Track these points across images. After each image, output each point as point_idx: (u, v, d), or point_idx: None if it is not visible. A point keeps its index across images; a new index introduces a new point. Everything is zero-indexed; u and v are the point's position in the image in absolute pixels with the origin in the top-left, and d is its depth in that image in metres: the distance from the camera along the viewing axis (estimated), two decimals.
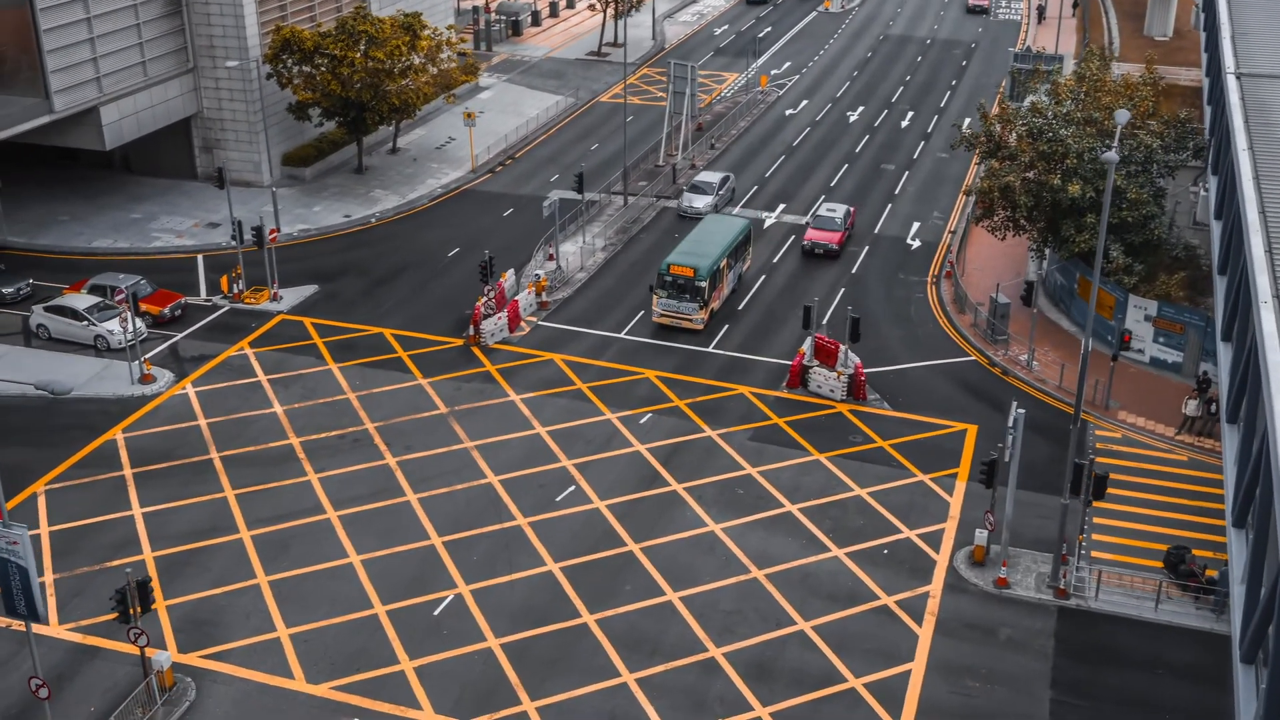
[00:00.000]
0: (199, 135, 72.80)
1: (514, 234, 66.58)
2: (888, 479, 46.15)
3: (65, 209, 69.44)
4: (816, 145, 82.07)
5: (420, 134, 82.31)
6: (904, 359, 54.82)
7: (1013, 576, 40.77)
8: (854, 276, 63.04)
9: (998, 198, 55.82)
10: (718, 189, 69.90)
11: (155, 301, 56.88)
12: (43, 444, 47.57)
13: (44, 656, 37.12)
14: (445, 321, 57.29)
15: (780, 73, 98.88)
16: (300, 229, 67.46)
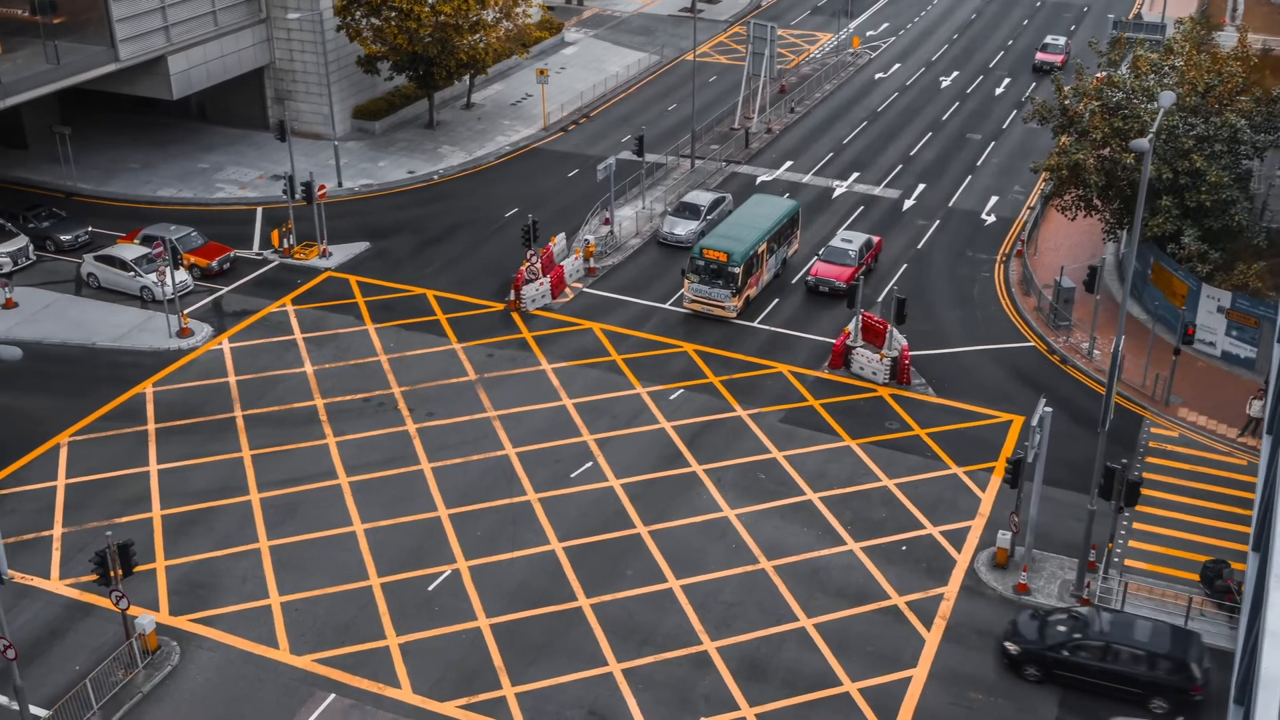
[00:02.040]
0: (271, 86, 72.74)
1: (574, 196, 65.29)
2: (919, 470, 44.10)
3: (137, 156, 70.02)
4: (902, 111, 79.12)
5: (497, 89, 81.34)
6: (958, 342, 52.41)
7: (1035, 582, 38.59)
8: (918, 252, 60.53)
9: (1067, 175, 52.86)
10: (706, 213, 60.26)
11: (204, 254, 56.92)
12: (74, 394, 47.88)
13: (40, 611, 37.47)
14: (490, 285, 56.37)
15: (876, 34, 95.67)
16: (362, 184, 67.04)
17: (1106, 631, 34.54)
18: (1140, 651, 33.87)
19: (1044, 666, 34.61)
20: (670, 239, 59.67)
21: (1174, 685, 33.50)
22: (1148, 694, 33.80)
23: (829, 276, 55.18)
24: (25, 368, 49.33)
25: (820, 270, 55.64)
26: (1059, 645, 34.51)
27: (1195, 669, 33.42)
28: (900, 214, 64.61)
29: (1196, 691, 33.36)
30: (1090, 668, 34.24)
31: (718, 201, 61.42)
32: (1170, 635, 34.33)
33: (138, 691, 34.57)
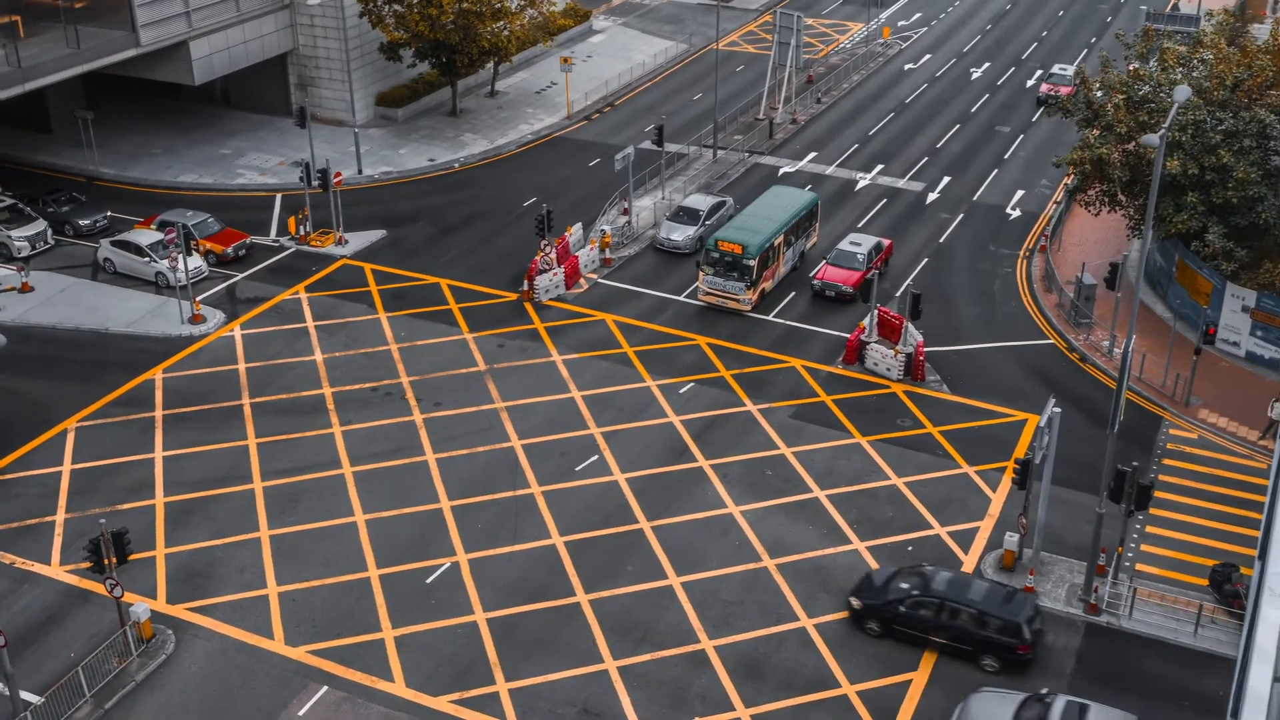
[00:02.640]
0: (294, 72, 72.65)
1: (594, 185, 64.80)
2: (929, 469, 43.38)
3: (160, 142, 70.10)
4: (931, 103, 78.10)
5: (522, 77, 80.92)
6: (976, 338, 51.59)
7: (1042, 586, 37.84)
8: (940, 246, 59.66)
9: (1090, 170, 51.86)
10: (705, 218, 58.22)
11: (220, 240, 56.87)
12: (84, 379, 47.92)
13: (38, 597, 37.46)
14: (505, 274, 56.01)
15: (908, 24, 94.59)
16: (382, 171, 66.82)
17: (943, 590, 35.38)
18: (973, 610, 34.63)
19: (883, 622, 35.62)
20: (667, 245, 57.46)
21: (1003, 644, 34.36)
22: (978, 651, 34.66)
23: (835, 280, 53.69)
24: (37, 353, 49.63)
25: (827, 274, 54.09)
26: (897, 601, 35.41)
27: (1025, 629, 34.27)
28: (923, 207, 63.74)
29: (1023, 650, 34.31)
30: (925, 623, 35.16)
31: (718, 206, 59.22)
32: (1003, 597, 35.37)
33: (131, 680, 34.46)
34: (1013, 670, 34.75)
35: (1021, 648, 34.35)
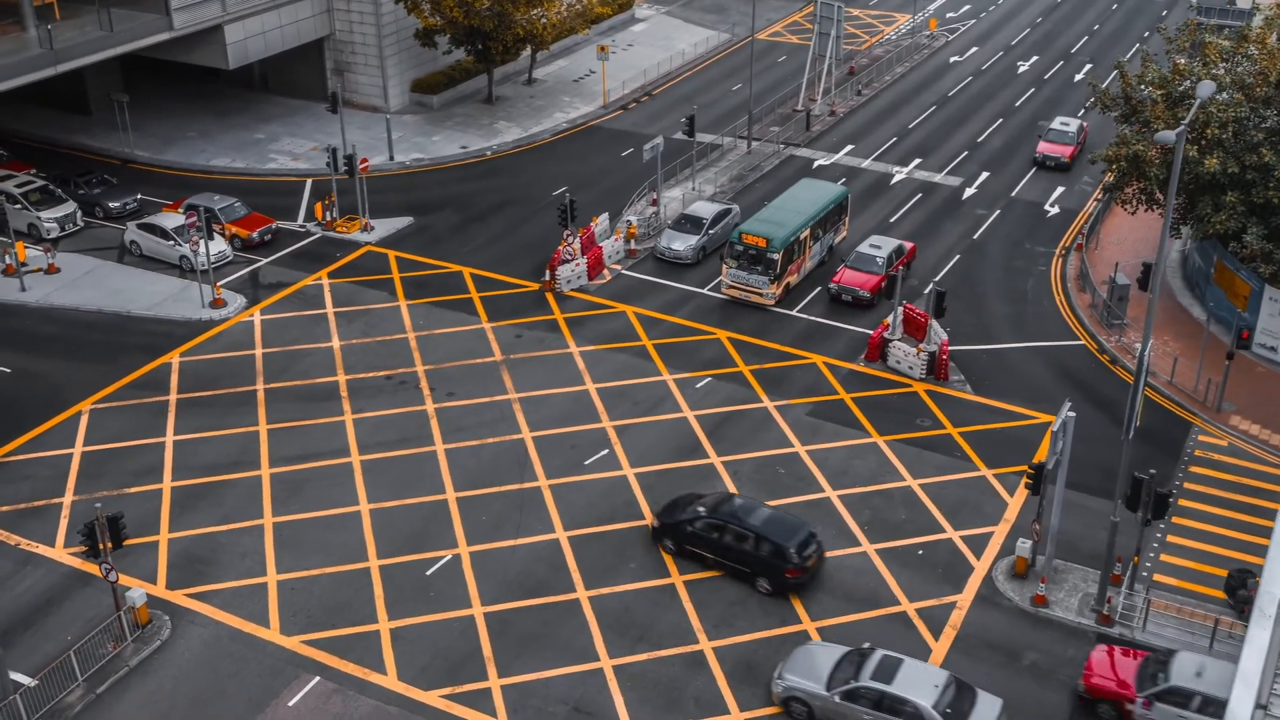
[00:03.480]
0: (331, 57, 72.54)
1: (625, 175, 64.11)
2: (946, 470, 42.39)
3: (196, 126, 70.28)
4: (974, 97, 76.67)
5: (561, 65, 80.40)
6: (1005, 338, 50.42)
7: (1055, 594, 36.79)
8: (974, 243, 58.45)
9: (1127, 167, 50.48)
10: (709, 227, 55.68)
11: (245, 225, 56.82)
12: (102, 361, 47.99)
13: (41, 579, 37.47)
14: (529, 264, 55.51)
15: (956, 16, 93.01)
16: (414, 158, 66.56)
17: (727, 513, 37.08)
18: (750, 533, 36.34)
19: (676, 540, 37.67)
20: (668, 254, 55.05)
21: (774, 567, 36.10)
22: (754, 573, 36.59)
23: (852, 284, 51.90)
24: (59, 334, 49.81)
25: (844, 277, 52.30)
26: (687, 521, 37.37)
27: (793, 554, 35.95)
28: (959, 202, 62.52)
29: (791, 575, 36.08)
30: (709, 543, 37.07)
31: (723, 214, 56.79)
32: (783, 524, 36.88)
33: (124, 665, 34.33)
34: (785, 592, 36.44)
35: (790, 571, 36.03)
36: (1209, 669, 31.23)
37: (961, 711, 30.68)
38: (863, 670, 31.81)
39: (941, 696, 30.86)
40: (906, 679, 31.26)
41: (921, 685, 31.11)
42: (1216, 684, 30.20)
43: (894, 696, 30.89)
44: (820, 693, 31.69)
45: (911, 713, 30.61)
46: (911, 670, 31.57)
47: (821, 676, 32.03)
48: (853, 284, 52.01)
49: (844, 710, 31.40)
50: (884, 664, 31.81)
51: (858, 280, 52.09)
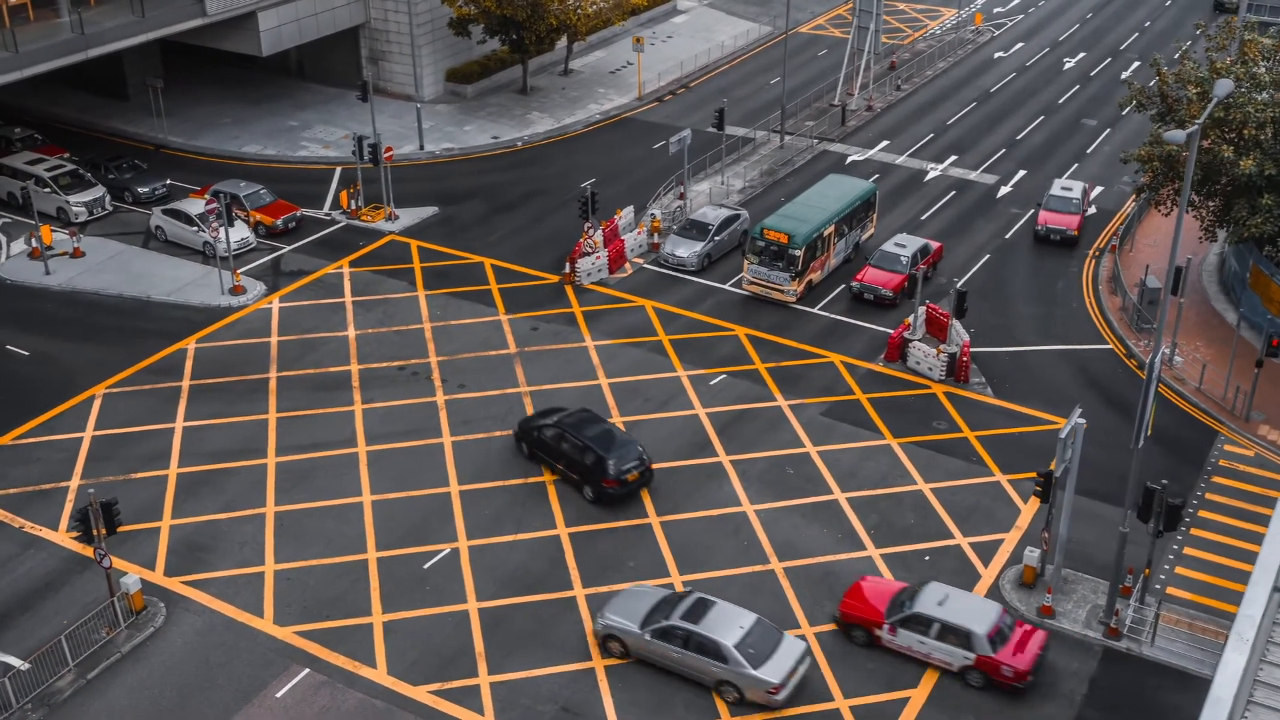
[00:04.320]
0: (366, 45, 72.47)
1: (654, 168, 63.47)
2: (959, 475, 41.48)
3: (230, 112, 70.51)
4: (1017, 93, 75.25)
5: (599, 56, 79.90)
6: (1030, 340, 49.34)
7: (1063, 606, 35.84)
8: (1006, 242, 57.30)
9: (1158, 167, 49.19)
10: (715, 232, 54.05)
11: (270, 212, 56.85)
12: (119, 345, 48.17)
13: (42, 563, 37.58)
14: (551, 256, 55.09)
15: (1004, 10, 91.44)
16: (444, 147, 66.35)
17: (568, 424, 40.13)
18: (581, 444, 39.25)
19: (529, 445, 41.01)
20: (671, 261, 53.50)
21: (596, 476, 38.87)
22: (582, 480, 39.43)
23: (875, 283, 50.83)
24: (79, 317, 50.06)
25: (867, 276, 51.20)
26: (537, 428, 40.63)
27: (611, 467, 38.62)
28: (993, 201, 61.35)
29: (608, 485, 38.73)
30: (550, 449, 40.35)
31: (730, 220, 55.02)
32: (610, 437, 39.74)
33: (116, 651, 34.31)
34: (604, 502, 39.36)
35: (606, 482, 38.63)
36: (952, 599, 33.50)
37: (764, 652, 32.04)
38: (674, 611, 33.02)
39: (746, 637, 32.18)
40: (714, 620, 32.61)
41: (727, 626, 32.46)
42: (956, 613, 32.89)
43: (700, 635, 32.29)
44: (634, 631, 33.09)
45: (714, 650, 32.00)
46: (721, 612, 32.90)
47: (638, 616, 33.34)
48: (875, 283, 51.06)
49: (654, 647, 32.87)
50: (696, 606, 33.12)
51: (881, 279, 51.13)
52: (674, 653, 32.65)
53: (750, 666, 31.75)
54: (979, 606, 33.55)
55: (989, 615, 33.11)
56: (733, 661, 31.86)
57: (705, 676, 32.49)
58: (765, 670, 31.78)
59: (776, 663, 31.96)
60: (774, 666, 31.87)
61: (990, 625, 32.77)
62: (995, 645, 32.60)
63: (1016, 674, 32.34)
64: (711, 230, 54.25)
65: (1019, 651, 32.65)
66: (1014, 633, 33.16)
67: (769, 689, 31.66)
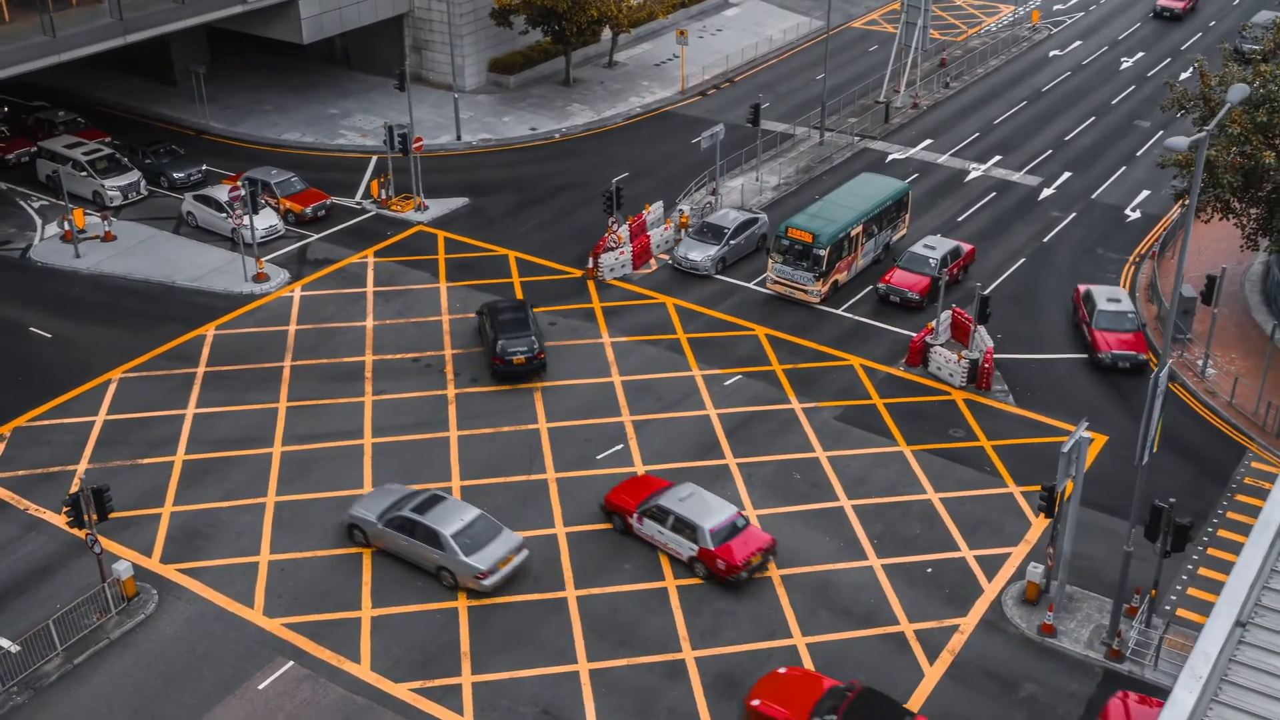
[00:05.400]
0: (409, 34, 72.41)
1: (689, 163, 62.74)
2: (972, 485, 40.45)
3: (273, 99, 70.80)
4: (1069, 93, 73.53)
5: (645, 49, 79.27)
6: (1057, 348, 48.07)
7: (1065, 624, 34.76)
8: (1043, 246, 55.93)
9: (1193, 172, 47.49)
10: (730, 237, 52.79)
11: (300, 200, 56.92)
12: (140, 331, 48.42)
13: (42, 545, 37.82)
14: (577, 250, 54.63)
15: (1065, 8, 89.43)
16: (481, 138, 66.11)
17: (498, 308, 46.30)
18: (492, 326, 45.43)
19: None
20: (684, 264, 52.38)
21: (489, 356, 44.61)
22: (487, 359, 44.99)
23: (902, 285, 49.69)
24: (104, 301, 50.42)
25: (894, 278, 50.07)
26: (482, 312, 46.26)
27: (500, 348, 44.46)
28: (1035, 203, 59.94)
29: (495, 363, 44.44)
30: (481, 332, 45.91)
31: (747, 223, 53.72)
32: (515, 325, 45.32)
33: (105, 637, 34.39)
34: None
35: (495, 359, 44.70)
36: (694, 498, 36.85)
37: (479, 543, 35.25)
38: (407, 504, 36.41)
39: (465, 529, 35.48)
40: (439, 513, 35.99)
41: (450, 518, 35.81)
42: (691, 509, 36.36)
43: (424, 525, 35.64)
44: (372, 521, 36.59)
45: (434, 539, 35.31)
46: (448, 506, 36.28)
47: (378, 510, 36.70)
48: (902, 285, 49.98)
49: (387, 536, 36.31)
50: (428, 500, 36.50)
51: (908, 281, 50.03)
52: (402, 540, 36.06)
53: (462, 554, 34.91)
54: (715, 505, 36.56)
55: (720, 514, 36.04)
56: (448, 549, 35.10)
57: (427, 563, 35.85)
58: (475, 558, 34.96)
59: (488, 552, 35.18)
60: (485, 556, 35.09)
61: (717, 522, 35.66)
62: (716, 540, 35.47)
63: (728, 567, 35.17)
64: (727, 234, 53.10)
65: (738, 549, 35.41)
66: (741, 533, 35.87)
67: (477, 574, 34.84)
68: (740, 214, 54.41)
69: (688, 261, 52.67)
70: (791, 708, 30.54)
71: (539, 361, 44.60)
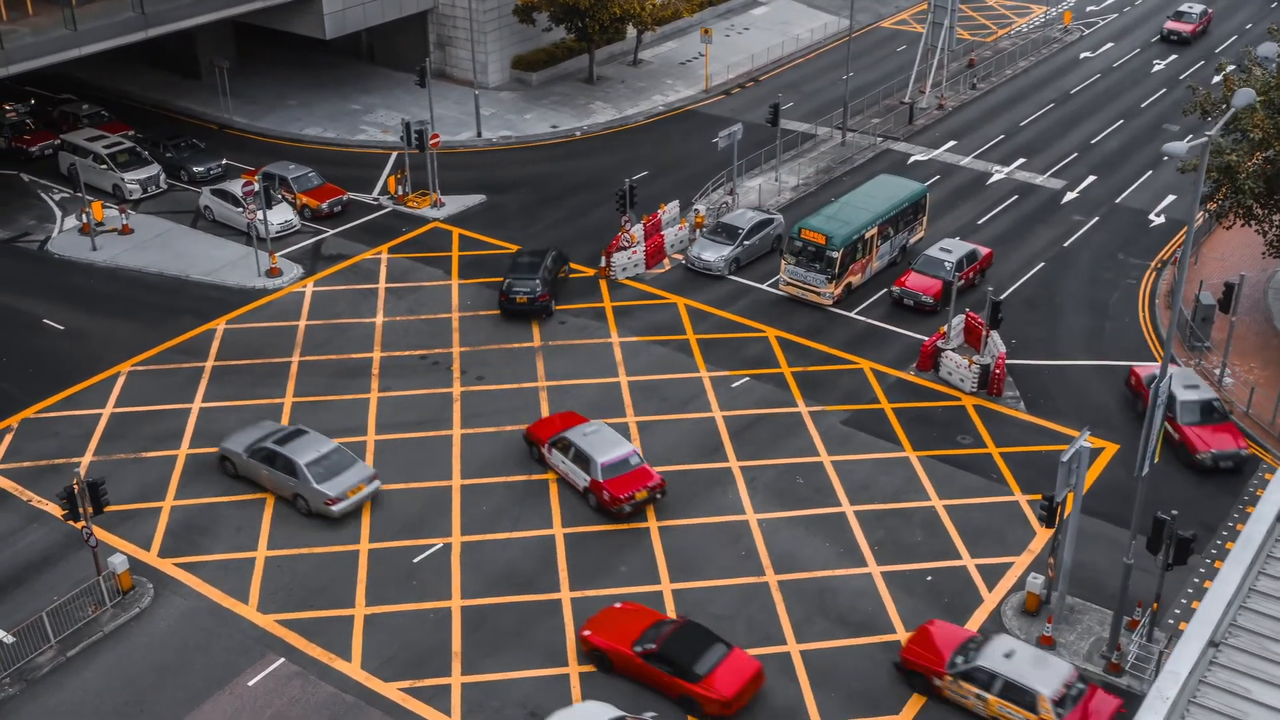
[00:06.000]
0: (433, 30, 72.42)
1: (709, 162, 62.30)
2: (976, 493, 39.91)
3: (297, 94, 70.99)
4: (1098, 96, 72.57)
5: (671, 47, 78.94)
6: (1073, 354, 47.39)
7: (1065, 637, 34.20)
8: (1064, 250, 55.20)
9: (1218, 178, 46.81)
10: (745, 237, 52.28)
11: (316, 195, 57.01)
12: (151, 324, 48.60)
13: (43, 537, 38.02)
14: (591, 249, 54.39)
15: (1098, 9, 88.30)
16: (501, 135, 66.01)
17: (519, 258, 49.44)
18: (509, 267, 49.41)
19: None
20: (698, 264, 51.90)
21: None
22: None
23: (916, 289, 49.09)
24: (119, 294, 50.68)
25: (908, 281, 49.45)
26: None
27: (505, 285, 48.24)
28: (1057, 207, 59.17)
29: (502, 299, 47.89)
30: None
31: (763, 224, 53.23)
32: (523, 266, 49.00)
33: (99, 630, 34.47)
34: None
35: (503, 296, 48.33)
36: (597, 434, 39.02)
37: (332, 473, 38.07)
38: (270, 437, 39.13)
39: (320, 459, 38.27)
40: (298, 445, 38.72)
41: (307, 450, 38.54)
42: (591, 444, 38.65)
43: (283, 455, 38.37)
44: (238, 452, 39.40)
45: (290, 468, 38.20)
46: (308, 439, 39.05)
47: (246, 443, 39.49)
48: (916, 288, 49.41)
49: (251, 465, 39.18)
50: (291, 434, 39.23)
51: (922, 285, 49.46)
52: (264, 470, 38.73)
53: (314, 482, 37.58)
54: (613, 441, 38.98)
55: (615, 450, 38.40)
56: (302, 477, 37.73)
57: (284, 490, 38.51)
58: (326, 485, 37.63)
59: (339, 481, 37.81)
60: (335, 484, 37.72)
61: (610, 457, 38.18)
62: (606, 474, 38.15)
63: (611, 499, 37.80)
64: (741, 234, 52.55)
65: (625, 484, 37.94)
66: (632, 471, 38.29)
67: (326, 500, 37.46)
68: (756, 214, 53.91)
69: (701, 262, 52.19)
70: (616, 638, 32.42)
71: (541, 304, 47.74)
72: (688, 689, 31.22)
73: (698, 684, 31.08)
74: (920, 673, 32.00)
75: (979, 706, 31.18)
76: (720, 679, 31.04)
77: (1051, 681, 30.35)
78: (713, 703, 30.92)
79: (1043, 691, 30.15)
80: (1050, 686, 30.24)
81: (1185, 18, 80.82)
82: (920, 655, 32.04)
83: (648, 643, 31.93)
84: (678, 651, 31.50)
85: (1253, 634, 18.99)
